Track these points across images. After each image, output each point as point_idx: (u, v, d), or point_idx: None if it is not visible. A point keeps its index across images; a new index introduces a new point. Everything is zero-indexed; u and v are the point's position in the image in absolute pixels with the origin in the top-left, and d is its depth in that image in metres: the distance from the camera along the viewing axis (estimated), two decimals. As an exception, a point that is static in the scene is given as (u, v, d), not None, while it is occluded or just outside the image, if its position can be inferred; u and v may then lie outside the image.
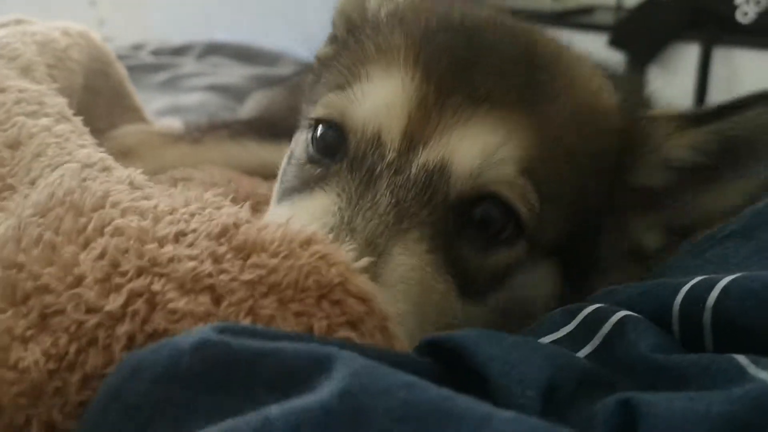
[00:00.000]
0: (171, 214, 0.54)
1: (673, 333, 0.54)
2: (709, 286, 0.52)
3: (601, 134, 0.72)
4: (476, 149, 0.64)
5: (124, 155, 1.17)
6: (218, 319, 0.48)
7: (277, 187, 0.78)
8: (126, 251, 0.50)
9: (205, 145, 1.25)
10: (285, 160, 0.79)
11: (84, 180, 0.58)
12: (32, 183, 0.62)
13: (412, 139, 0.65)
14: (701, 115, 0.72)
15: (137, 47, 2.49)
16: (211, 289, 0.49)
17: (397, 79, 0.67)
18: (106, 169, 0.62)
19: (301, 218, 0.61)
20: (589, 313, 0.56)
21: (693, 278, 0.54)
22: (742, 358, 0.46)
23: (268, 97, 1.58)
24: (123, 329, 0.47)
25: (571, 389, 0.46)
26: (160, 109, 1.73)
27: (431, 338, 0.50)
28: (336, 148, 0.69)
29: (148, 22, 3.52)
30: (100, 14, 3.39)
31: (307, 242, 0.51)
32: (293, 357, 0.39)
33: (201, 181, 1.07)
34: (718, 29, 3.16)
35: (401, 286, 0.60)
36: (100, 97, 1.22)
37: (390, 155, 0.65)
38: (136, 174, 0.61)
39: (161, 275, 0.49)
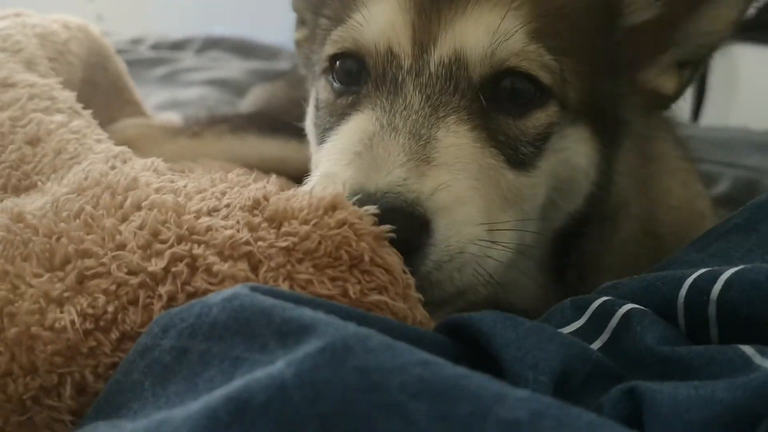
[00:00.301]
0: (200, 193, 0.57)
1: (679, 326, 0.54)
2: (713, 278, 0.53)
3: None
4: (481, 32, 0.69)
5: (123, 149, 1.16)
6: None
7: (312, 133, 0.83)
8: (165, 222, 0.53)
9: (205, 139, 1.24)
10: (311, 110, 0.84)
11: (112, 167, 0.61)
12: (60, 179, 0.64)
13: (422, 42, 0.70)
14: None
15: (136, 41, 2.48)
16: (249, 255, 0.51)
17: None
18: (127, 160, 0.65)
19: (346, 141, 0.66)
20: (598, 307, 0.57)
21: (695, 271, 0.55)
22: (747, 348, 0.46)
23: (268, 91, 1.58)
24: (165, 289, 0.49)
25: (582, 379, 0.47)
26: (159, 104, 1.72)
27: (450, 320, 0.51)
28: (358, 73, 0.74)
29: (147, 17, 3.51)
30: (98, 9, 3.37)
31: (332, 208, 0.54)
32: (307, 317, 0.39)
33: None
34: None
35: (458, 165, 0.64)
36: (98, 90, 1.21)
37: (407, 62, 0.70)
38: (158, 161, 0.64)
39: (200, 242, 0.51)
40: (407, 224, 0.57)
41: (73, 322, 0.48)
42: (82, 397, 0.48)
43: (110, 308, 0.49)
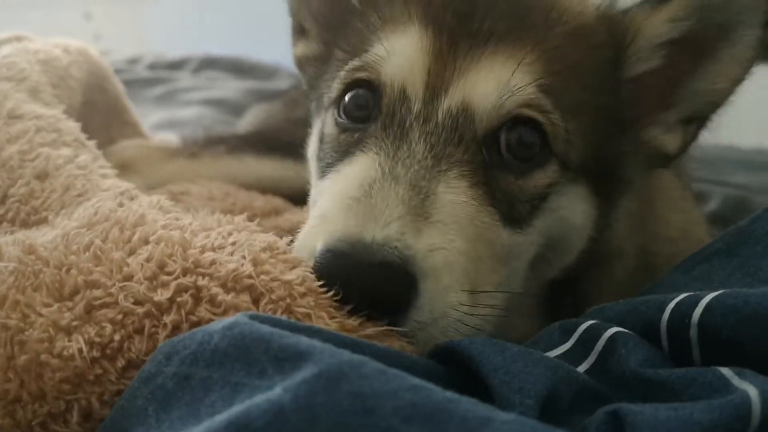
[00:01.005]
0: (206, 230, 0.59)
1: (663, 348, 0.56)
2: (694, 303, 0.55)
3: (594, 48, 0.76)
4: (491, 85, 0.69)
5: (121, 170, 1.17)
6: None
7: (314, 165, 0.82)
8: (171, 255, 0.55)
9: (203, 159, 1.25)
10: (314, 141, 0.83)
11: (120, 204, 0.64)
12: (69, 215, 0.66)
13: (434, 89, 0.70)
14: None
15: (133, 61, 2.51)
16: (251, 288, 0.53)
17: (413, 38, 0.72)
18: (134, 197, 0.68)
19: (346, 184, 0.66)
20: (584, 331, 0.58)
21: (678, 295, 0.57)
22: (726, 371, 0.48)
23: (265, 111, 1.59)
24: (170, 318, 0.51)
25: (569, 401, 0.49)
26: (156, 123, 1.74)
27: (441, 345, 0.53)
28: (367, 108, 0.74)
29: (145, 36, 3.54)
30: (96, 28, 3.40)
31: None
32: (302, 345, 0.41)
33: (199, 195, 1.08)
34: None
35: (454, 225, 0.64)
36: (97, 111, 1.23)
37: (416, 106, 0.70)
38: (163, 199, 0.67)
39: (205, 275, 0.53)
40: (399, 281, 0.57)
41: (80, 350, 0.50)
42: (87, 423, 0.50)
43: (117, 337, 0.51)
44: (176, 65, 2.50)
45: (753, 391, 0.44)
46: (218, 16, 3.74)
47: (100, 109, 1.25)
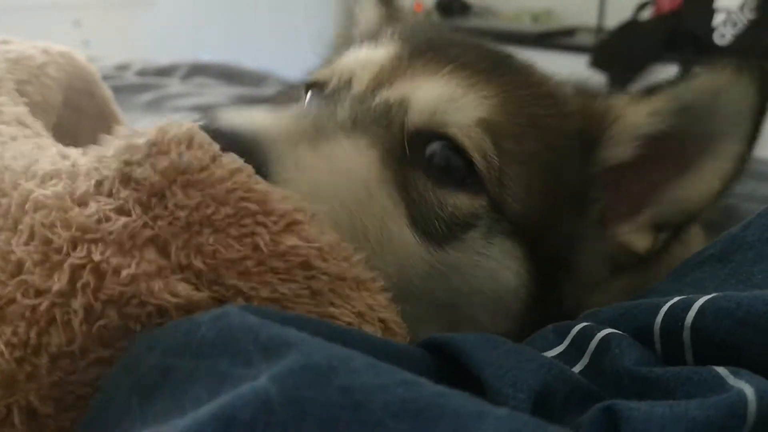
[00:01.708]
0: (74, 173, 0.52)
1: (656, 350, 0.56)
2: (687, 306, 0.54)
3: (563, 114, 0.73)
4: (436, 93, 0.67)
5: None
6: (171, 270, 0.48)
7: None
8: (52, 225, 0.49)
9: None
10: None
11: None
12: None
13: (380, 82, 0.70)
14: (656, 86, 0.73)
15: (122, 68, 2.49)
16: (152, 240, 0.48)
17: (376, 47, 0.75)
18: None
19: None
20: (578, 332, 0.58)
21: (671, 299, 0.56)
22: (721, 369, 0.48)
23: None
24: (78, 303, 0.46)
25: (562, 399, 0.48)
26: (145, 129, 1.72)
27: (432, 338, 0.52)
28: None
29: (134, 43, 3.53)
30: (84, 35, 3.39)
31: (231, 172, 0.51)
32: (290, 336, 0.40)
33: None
34: (697, 51, 3.23)
35: (343, 165, 0.61)
36: (84, 116, 1.21)
37: (356, 89, 0.70)
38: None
39: (96, 241, 0.48)
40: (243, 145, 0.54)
41: (2, 353, 0.46)
42: (34, 421, 0.47)
43: (32, 333, 0.47)
44: (165, 72, 2.49)
45: (749, 390, 0.44)
46: (207, 23, 3.74)
47: (89, 115, 1.23)
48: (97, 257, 0.47)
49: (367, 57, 0.73)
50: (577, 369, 0.55)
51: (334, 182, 0.60)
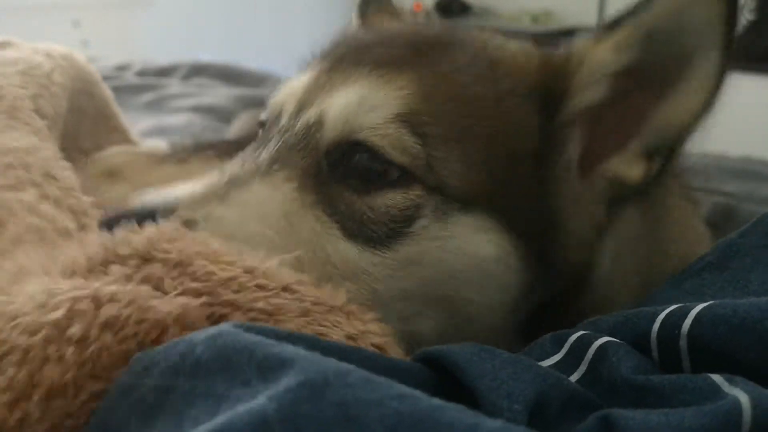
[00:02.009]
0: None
1: (653, 358, 0.56)
2: (683, 314, 0.55)
3: (504, 78, 0.71)
4: (345, 100, 0.68)
5: (110, 176, 1.17)
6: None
7: None
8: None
9: (192, 165, 1.25)
10: None
11: None
12: None
13: (303, 105, 0.71)
14: (616, 19, 0.71)
15: (122, 68, 2.50)
16: None
17: (306, 71, 0.76)
18: None
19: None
20: (575, 341, 0.58)
21: (668, 307, 0.57)
22: (716, 377, 0.49)
23: (254, 117, 1.59)
24: (73, 330, 0.47)
25: (558, 408, 0.48)
26: (145, 130, 1.73)
27: (426, 351, 0.52)
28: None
29: (133, 43, 3.53)
30: (84, 35, 3.39)
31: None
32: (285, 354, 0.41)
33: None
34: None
35: (253, 209, 0.65)
36: (85, 117, 1.22)
37: (283, 121, 0.72)
38: None
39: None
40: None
41: None
42: None
43: (21, 375, 0.46)
44: (165, 72, 2.50)
45: (744, 397, 0.44)
46: (207, 23, 3.74)
47: (89, 115, 1.24)
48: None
49: (294, 85, 0.74)
50: (574, 378, 0.55)
51: (246, 225, 0.64)
